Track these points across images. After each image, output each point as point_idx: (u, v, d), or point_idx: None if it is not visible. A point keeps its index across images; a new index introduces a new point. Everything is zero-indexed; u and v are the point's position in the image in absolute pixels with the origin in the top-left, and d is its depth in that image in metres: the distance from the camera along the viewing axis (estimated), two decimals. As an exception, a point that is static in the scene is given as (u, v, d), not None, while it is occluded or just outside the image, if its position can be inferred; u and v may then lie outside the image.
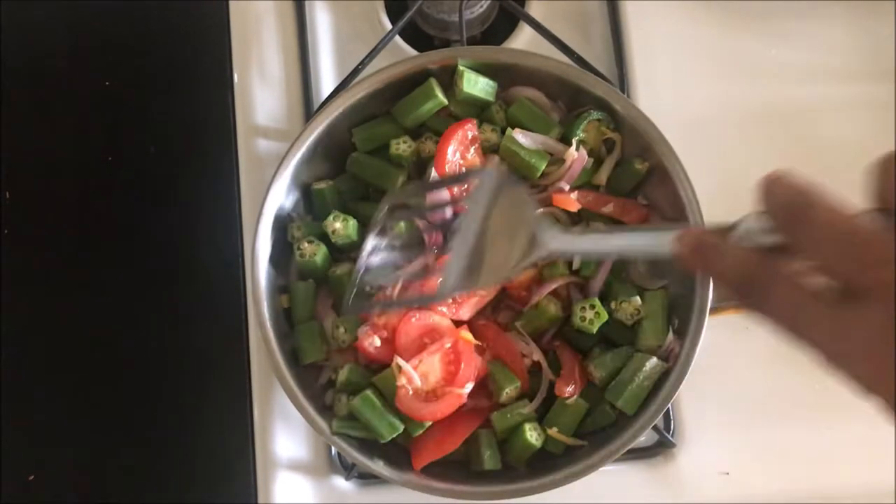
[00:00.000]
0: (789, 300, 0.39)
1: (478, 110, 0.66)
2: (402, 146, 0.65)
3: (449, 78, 0.64)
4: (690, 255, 0.43)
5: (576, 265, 0.63)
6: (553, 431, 0.62)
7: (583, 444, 0.62)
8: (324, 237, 0.64)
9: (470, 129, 0.63)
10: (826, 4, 0.75)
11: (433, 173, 0.63)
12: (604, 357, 0.63)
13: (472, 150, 0.64)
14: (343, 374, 0.63)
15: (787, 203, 0.39)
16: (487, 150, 0.65)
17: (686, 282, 0.61)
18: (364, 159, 0.66)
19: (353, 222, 0.63)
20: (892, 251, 0.36)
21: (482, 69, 0.64)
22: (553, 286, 0.63)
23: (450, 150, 0.62)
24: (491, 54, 0.65)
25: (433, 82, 0.64)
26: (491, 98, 0.65)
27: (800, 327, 0.38)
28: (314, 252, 0.63)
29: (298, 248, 0.63)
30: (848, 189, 0.71)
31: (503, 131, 0.64)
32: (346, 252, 0.65)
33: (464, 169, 0.63)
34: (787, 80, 0.74)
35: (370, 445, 0.61)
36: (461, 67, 0.63)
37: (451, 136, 0.63)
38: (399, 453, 0.62)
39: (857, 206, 0.38)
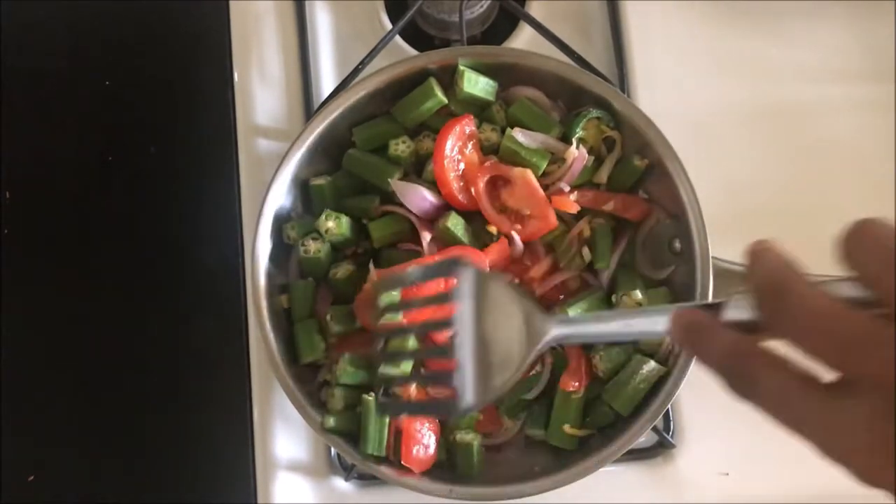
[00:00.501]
0: (778, 391, 0.36)
1: (478, 110, 0.65)
2: (400, 146, 0.65)
3: (449, 78, 0.64)
4: (683, 337, 0.40)
5: (588, 258, 0.64)
6: (568, 428, 0.62)
7: (592, 432, 0.62)
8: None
9: (467, 125, 0.63)
10: (826, 4, 0.75)
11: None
12: (610, 350, 0.62)
13: (469, 146, 0.64)
14: (339, 369, 0.62)
15: (767, 284, 0.36)
16: (488, 150, 0.65)
17: (687, 276, 0.61)
18: (360, 156, 0.66)
19: (345, 220, 0.63)
20: (876, 338, 0.33)
21: (482, 69, 0.64)
22: (563, 277, 0.63)
23: (447, 145, 0.62)
24: (491, 54, 0.65)
25: (433, 82, 0.64)
26: (491, 98, 0.65)
27: (791, 420, 0.36)
28: (318, 249, 0.63)
29: (302, 245, 0.63)
30: (847, 189, 0.72)
31: (503, 131, 0.64)
32: (341, 250, 0.65)
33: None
34: (787, 80, 0.74)
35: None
36: (461, 67, 0.63)
37: (449, 131, 0.63)
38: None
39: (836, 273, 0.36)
